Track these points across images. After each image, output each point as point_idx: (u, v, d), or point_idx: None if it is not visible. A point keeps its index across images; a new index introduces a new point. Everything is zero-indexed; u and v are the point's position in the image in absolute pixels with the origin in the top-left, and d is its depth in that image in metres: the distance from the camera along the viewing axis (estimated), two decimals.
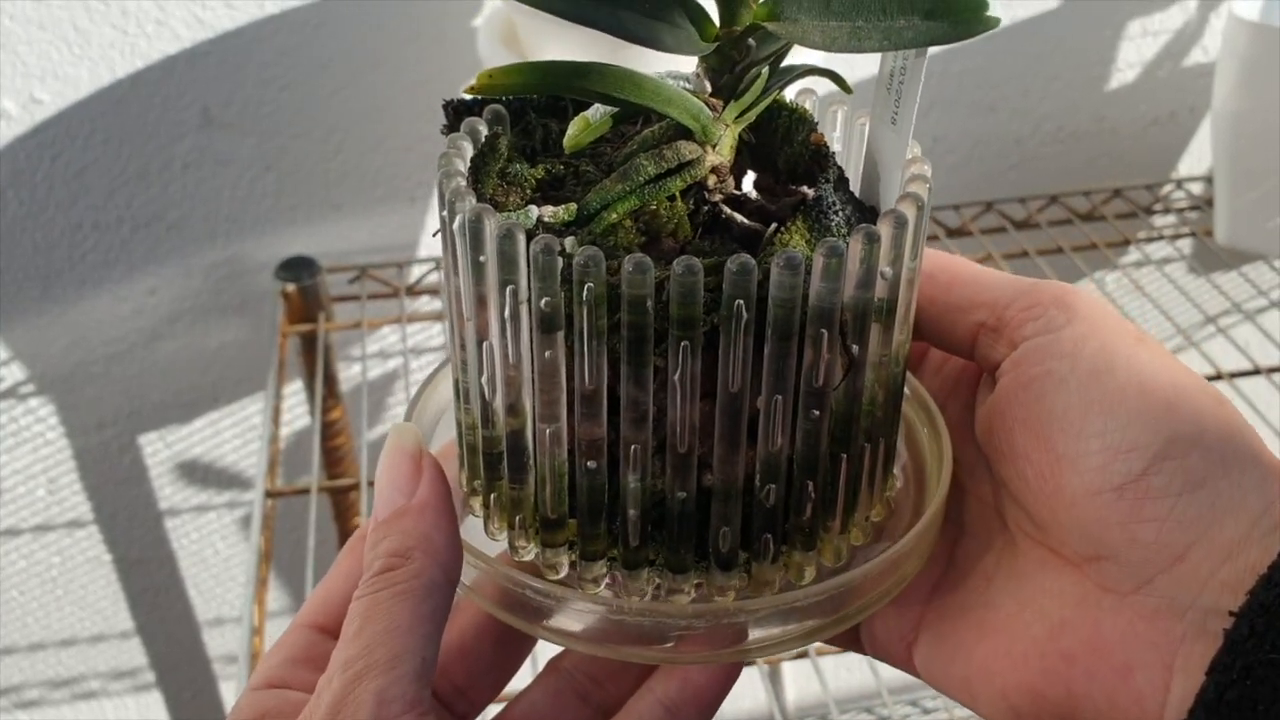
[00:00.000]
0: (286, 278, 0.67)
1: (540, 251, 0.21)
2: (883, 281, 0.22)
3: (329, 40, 0.65)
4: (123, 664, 0.87)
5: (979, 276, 0.26)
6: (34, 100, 0.64)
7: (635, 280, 0.21)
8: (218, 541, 0.83)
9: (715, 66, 0.25)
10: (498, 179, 0.25)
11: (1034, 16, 0.72)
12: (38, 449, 0.76)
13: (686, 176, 0.24)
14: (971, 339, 0.26)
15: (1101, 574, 0.24)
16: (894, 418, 0.26)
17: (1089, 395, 0.23)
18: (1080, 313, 0.25)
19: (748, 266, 0.21)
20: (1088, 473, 0.23)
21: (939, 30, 0.22)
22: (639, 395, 0.22)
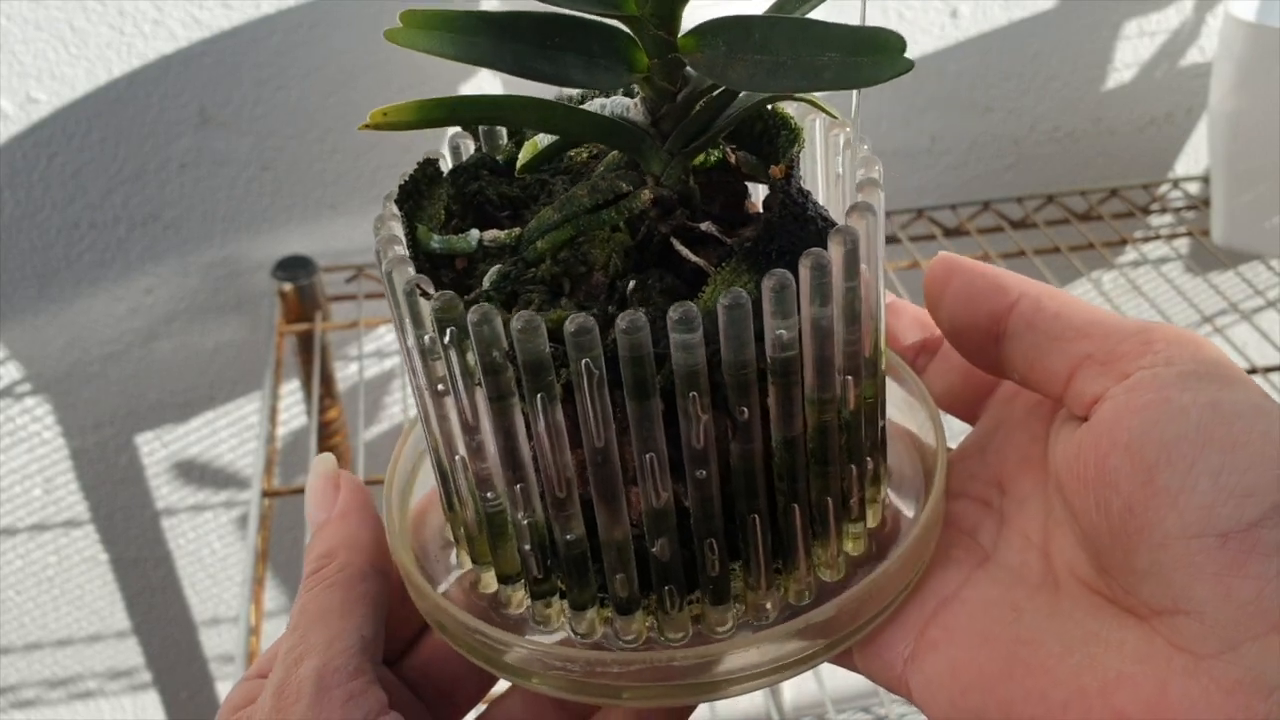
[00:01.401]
0: (283, 277, 0.67)
1: (406, 293, 0.21)
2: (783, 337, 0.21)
3: (325, 40, 0.65)
4: (119, 664, 0.87)
5: (1091, 311, 0.24)
6: (31, 100, 0.64)
7: (481, 331, 0.20)
8: (214, 541, 0.83)
9: (652, 97, 0.23)
10: (453, 199, 0.25)
11: (1031, 17, 0.72)
12: (34, 449, 0.76)
13: (623, 209, 0.23)
14: (1070, 373, 0.24)
15: (1178, 630, 0.21)
16: (853, 466, 0.24)
17: (1209, 429, 0.21)
18: (1204, 354, 0.23)
19: (586, 328, 0.20)
20: (1190, 511, 0.21)
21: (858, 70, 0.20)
22: (506, 440, 0.22)
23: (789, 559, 0.24)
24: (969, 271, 0.26)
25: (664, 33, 0.22)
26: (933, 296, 0.26)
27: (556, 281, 0.23)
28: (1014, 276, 0.25)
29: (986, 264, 0.26)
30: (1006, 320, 0.25)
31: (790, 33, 0.21)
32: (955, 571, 0.25)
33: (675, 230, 0.24)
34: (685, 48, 0.22)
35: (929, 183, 0.77)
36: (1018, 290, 0.25)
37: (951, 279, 0.26)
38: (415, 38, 0.21)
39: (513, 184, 0.26)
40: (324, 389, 0.69)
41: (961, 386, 0.28)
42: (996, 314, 0.25)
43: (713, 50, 0.22)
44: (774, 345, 0.21)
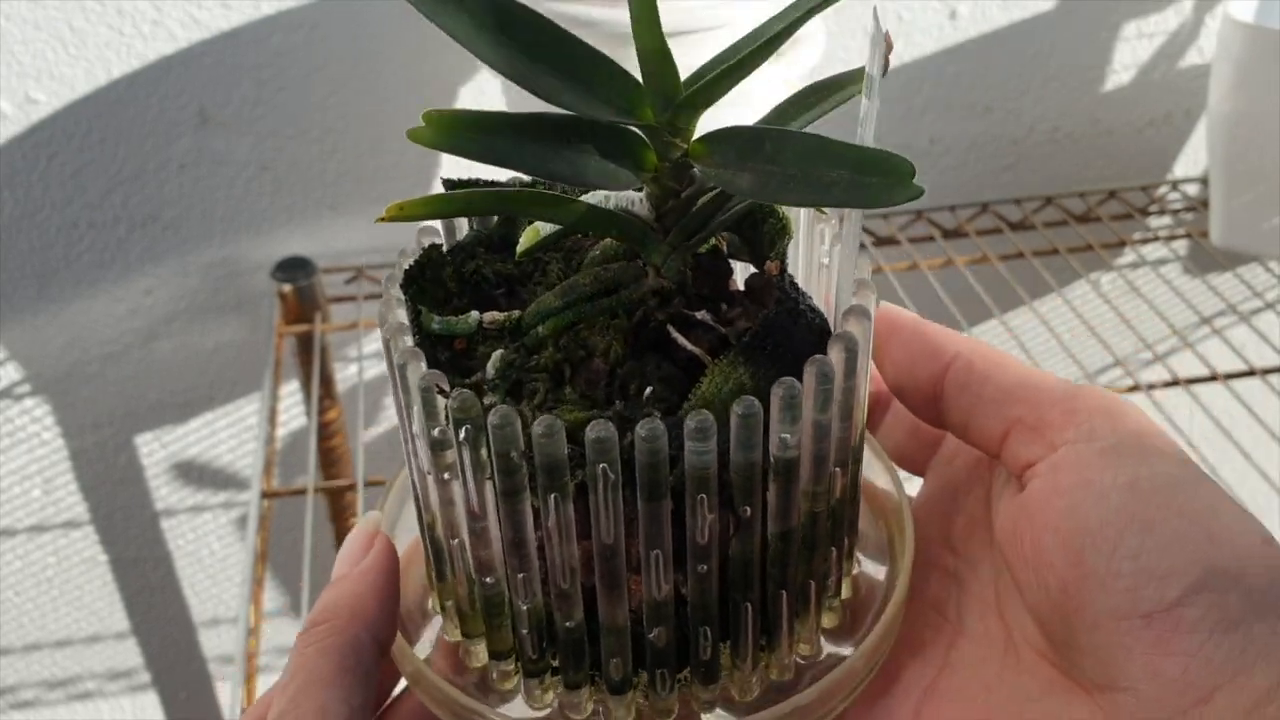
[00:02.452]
0: (283, 278, 0.67)
1: (423, 389, 0.22)
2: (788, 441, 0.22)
3: (325, 41, 0.65)
4: (118, 664, 0.87)
5: (1022, 373, 0.25)
6: (30, 100, 0.64)
7: (500, 433, 0.21)
8: (214, 542, 0.83)
9: (657, 194, 0.24)
10: (453, 280, 0.26)
11: (1030, 18, 0.72)
12: (33, 449, 0.76)
13: (624, 299, 0.24)
14: (1003, 435, 0.25)
15: (1116, 706, 0.22)
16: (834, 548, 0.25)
17: (1128, 510, 0.22)
18: (1126, 425, 0.24)
19: (607, 438, 0.21)
20: (1116, 594, 0.22)
21: (866, 191, 0.21)
22: (514, 533, 0.22)
23: (773, 638, 0.25)
24: (906, 330, 0.27)
25: (677, 140, 0.23)
26: (877, 354, 0.27)
27: (558, 368, 0.24)
28: (948, 335, 0.26)
29: (923, 322, 0.27)
30: (943, 381, 0.26)
31: (800, 147, 0.22)
32: (930, 657, 0.26)
33: (672, 318, 0.25)
34: (695, 154, 0.23)
35: (928, 184, 0.77)
36: (952, 350, 0.26)
37: (891, 337, 0.27)
38: (438, 137, 0.22)
39: (508, 261, 0.26)
40: (323, 390, 0.69)
41: (908, 443, 0.29)
42: (933, 374, 0.26)
43: (723, 158, 0.23)
44: (778, 447, 0.22)
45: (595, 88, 0.22)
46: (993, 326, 0.82)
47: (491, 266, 0.26)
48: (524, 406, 0.23)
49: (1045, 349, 0.84)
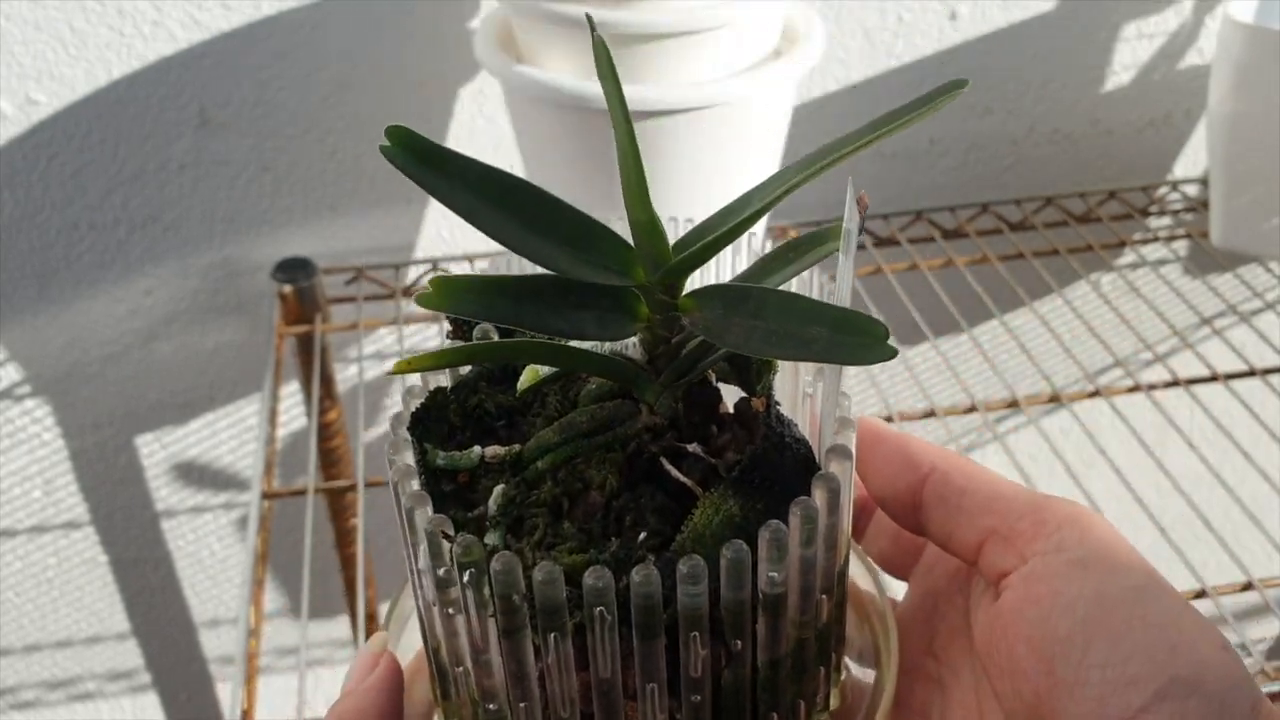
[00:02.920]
0: (283, 279, 0.67)
1: (429, 534, 0.23)
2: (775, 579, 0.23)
3: (326, 42, 0.65)
4: (119, 665, 0.87)
5: (995, 485, 0.27)
6: (30, 101, 0.64)
7: (503, 579, 0.22)
8: (214, 543, 0.83)
9: (649, 341, 0.26)
10: (457, 415, 0.27)
11: (1030, 19, 0.72)
12: (34, 450, 0.76)
13: (620, 434, 0.26)
14: (978, 545, 0.26)
15: None
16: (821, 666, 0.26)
17: (1094, 624, 0.24)
18: (1093, 536, 0.25)
19: (604, 585, 0.22)
20: (1085, 701, 0.23)
21: (843, 349, 0.22)
22: (516, 666, 0.23)
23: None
24: (886, 443, 0.28)
25: (667, 297, 0.25)
26: (859, 466, 0.28)
27: (557, 502, 0.25)
28: (926, 449, 0.28)
29: (902, 435, 0.28)
30: (921, 492, 0.27)
31: (781, 305, 0.23)
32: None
33: (664, 451, 0.26)
34: (685, 308, 0.25)
35: (928, 184, 0.77)
36: (929, 464, 0.27)
37: (873, 450, 0.28)
38: (443, 301, 0.24)
39: (509, 393, 0.28)
40: (324, 390, 0.69)
41: (891, 550, 0.31)
42: (912, 486, 0.27)
43: (711, 313, 0.24)
44: (767, 584, 0.23)
45: (590, 252, 0.24)
46: (993, 327, 0.82)
47: (493, 400, 0.28)
48: (524, 544, 0.24)
49: (1045, 349, 0.84)
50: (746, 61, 0.55)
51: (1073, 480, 0.58)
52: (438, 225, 0.72)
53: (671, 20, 0.52)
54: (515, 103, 0.58)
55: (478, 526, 0.25)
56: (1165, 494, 0.84)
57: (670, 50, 0.53)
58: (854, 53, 0.71)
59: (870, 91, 0.72)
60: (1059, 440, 0.90)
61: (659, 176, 0.55)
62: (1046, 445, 0.62)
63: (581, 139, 0.55)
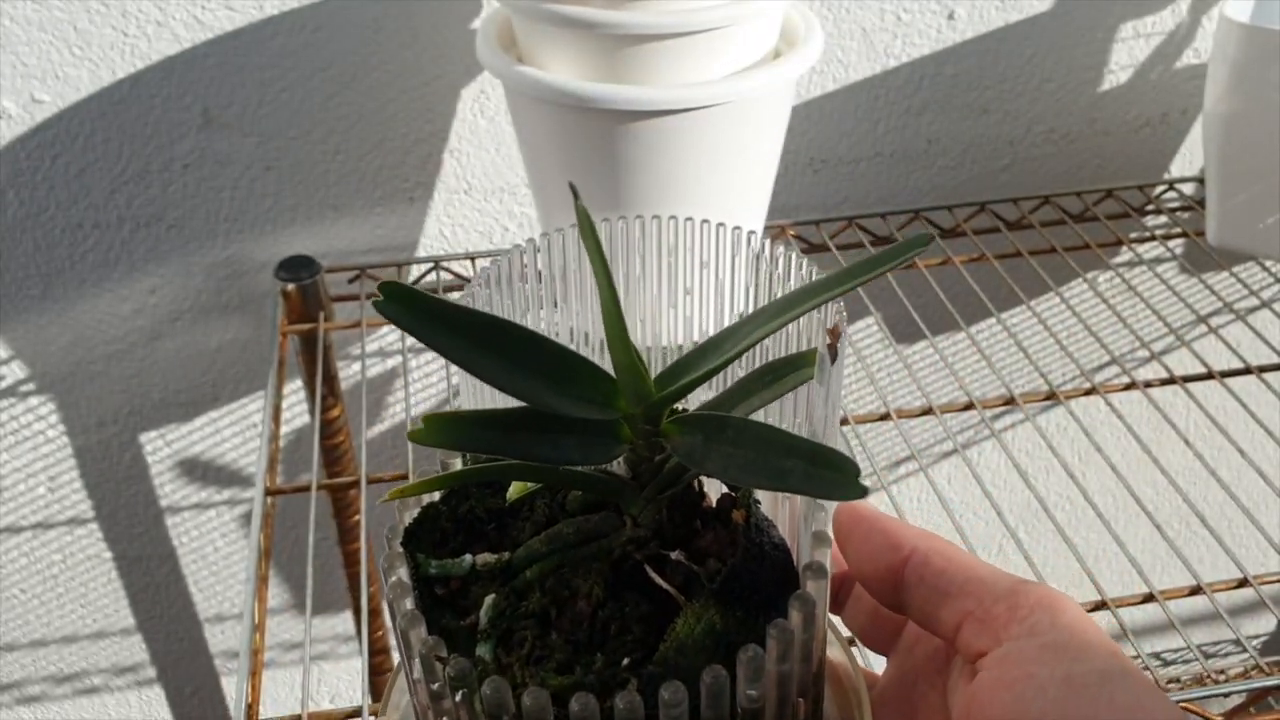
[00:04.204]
0: (286, 277, 0.68)
1: (422, 653, 0.24)
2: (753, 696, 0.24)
3: (329, 42, 0.65)
4: (124, 660, 0.88)
5: (971, 568, 0.28)
6: (34, 101, 0.65)
7: (493, 701, 0.23)
8: (218, 539, 0.83)
9: (633, 460, 0.27)
10: (448, 521, 0.28)
11: (1027, 19, 0.73)
12: (39, 447, 0.76)
13: (605, 545, 0.27)
14: (956, 625, 0.28)
15: None
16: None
17: (1063, 703, 0.25)
18: (1064, 621, 0.26)
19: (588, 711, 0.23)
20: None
21: (818, 482, 0.23)
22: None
23: None
24: (867, 525, 0.29)
25: (650, 425, 0.26)
26: (840, 545, 0.29)
27: (545, 612, 0.26)
28: (907, 531, 0.29)
29: (882, 516, 0.29)
30: (901, 573, 0.28)
31: (758, 437, 0.24)
32: None
33: (649, 559, 0.27)
34: (667, 433, 0.26)
35: (925, 184, 0.78)
36: (909, 546, 0.28)
37: (853, 531, 0.29)
38: (434, 437, 0.25)
39: (499, 497, 0.29)
40: (327, 388, 0.70)
41: (871, 628, 0.32)
42: (892, 566, 0.28)
43: (691, 440, 0.26)
44: (745, 700, 0.24)
45: (575, 386, 0.26)
46: (990, 325, 0.83)
47: (483, 505, 0.29)
48: (514, 659, 0.25)
49: (1042, 347, 0.85)
50: (746, 61, 0.56)
51: (1069, 477, 0.59)
52: (440, 224, 0.73)
53: (671, 20, 0.52)
54: (516, 103, 0.59)
55: (469, 635, 0.26)
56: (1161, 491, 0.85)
57: (670, 50, 0.53)
58: (852, 53, 0.71)
59: (868, 92, 0.73)
60: (1056, 437, 0.91)
61: (659, 177, 0.55)
62: (1043, 443, 0.62)
63: (582, 139, 0.55)
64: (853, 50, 0.71)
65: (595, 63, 0.54)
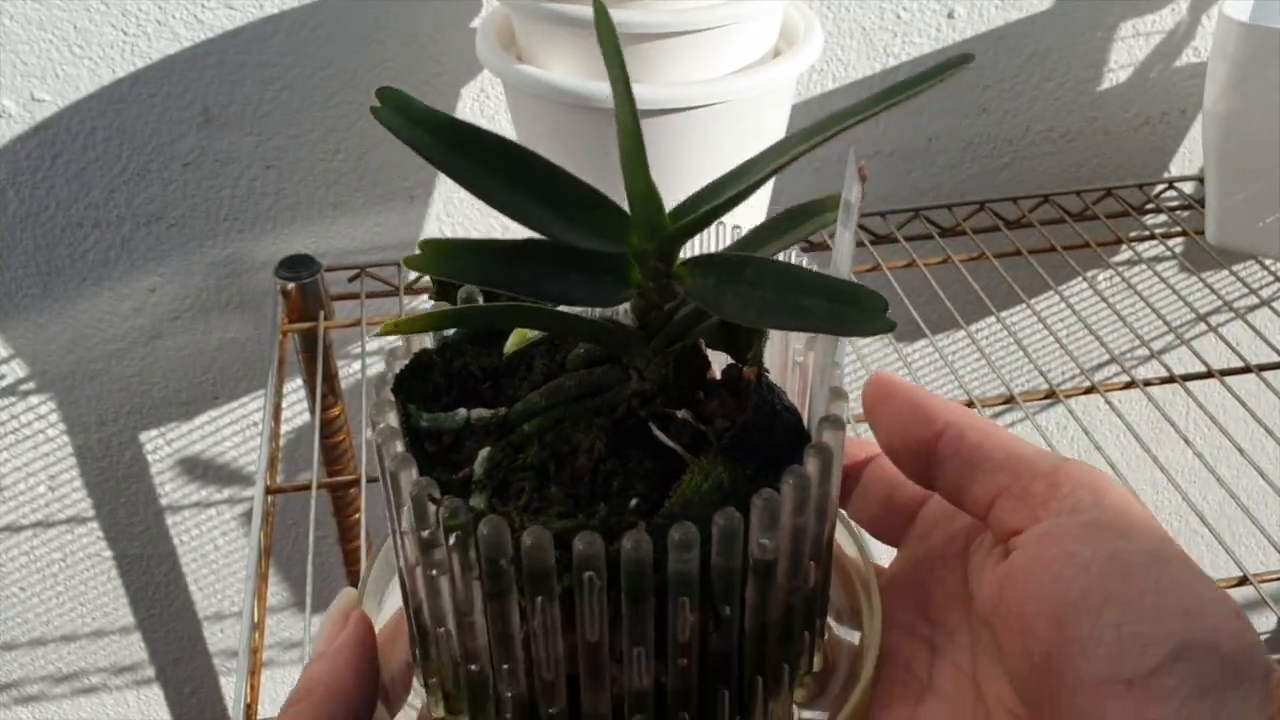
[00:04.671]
0: (286, 276, 0.68)
1: (414, 494, 0.22)
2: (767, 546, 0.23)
3: (329, 41, 0.65)
4: (123, 659, 0.88)
5: (1010, 444, 0.27)
6: (34, 99, 0.64)
7: (490, 543, 0.22)
8: (218, 537, 0.83)
9: (641, 307, 0.26)
10: (441, 375, 0.27)
11: (1026, 18, 0.73)
12: (39, 446, 0.76)
13: (608, 399, 0.25)
14: (990, 502, 0.26)
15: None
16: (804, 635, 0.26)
17: (1109, 585, 0.23)
18: (1108, 501, 0.25)
19: (594, 551, 0.21)
20: (1098, 660, 0.23)
21: (841, 320, 0.22)
22: (501, 628, 0.23)
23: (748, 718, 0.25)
24: (900, 397, 0.28)
25: (663, 265, 0.24)
26: (869, 416, 0.28)
27: (543, 466, 0.25)
28: (942, 404, 0.27)
29: (918, 389, 0.28)
30: (935, 446, 0.27)
31: (778, 275, 0.23)
32: (899, 711, 0.27)
33: (653, 416, 0.26)
34: (680, 276, 0.24)
35: (925, 183, 0.78)
36: (944, 419, 0.27)
37: (885, 403, 0.28)
38: (433, 263, 0.23)
39: (494, 355, 0.27)
40: (327, 387, 0.70)
41: (883, 516, 0.30)
42: (925, 440, 0.27)
43: (706, 281, 0.24)
44: (758, 551, 0.23)
45: (586, 218, 0.24)
46: (990, 324, 0.83)
47: (478, 362, 0.27)
48: (510, 508, 0.24)
49: (1042, 346, 0.85)
50: (746, 60, 0.56)
51: None
52: (439, 223, 0.73)
53: (671, 19, 0.52)
54: (516, 102, 0.59)
55: (462, 489, 0.24)
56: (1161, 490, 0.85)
57: (670, 50, 0.53)
58: (852, 52, 0.71)
59: (869, 89, 0.73)
60: (1055, 436, 0.91)
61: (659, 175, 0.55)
62: (1042, 441, 0.62)
63: (582, 138, 0.55)
64: (852, 49, 0.71)
65: (595, 61, 0.54)
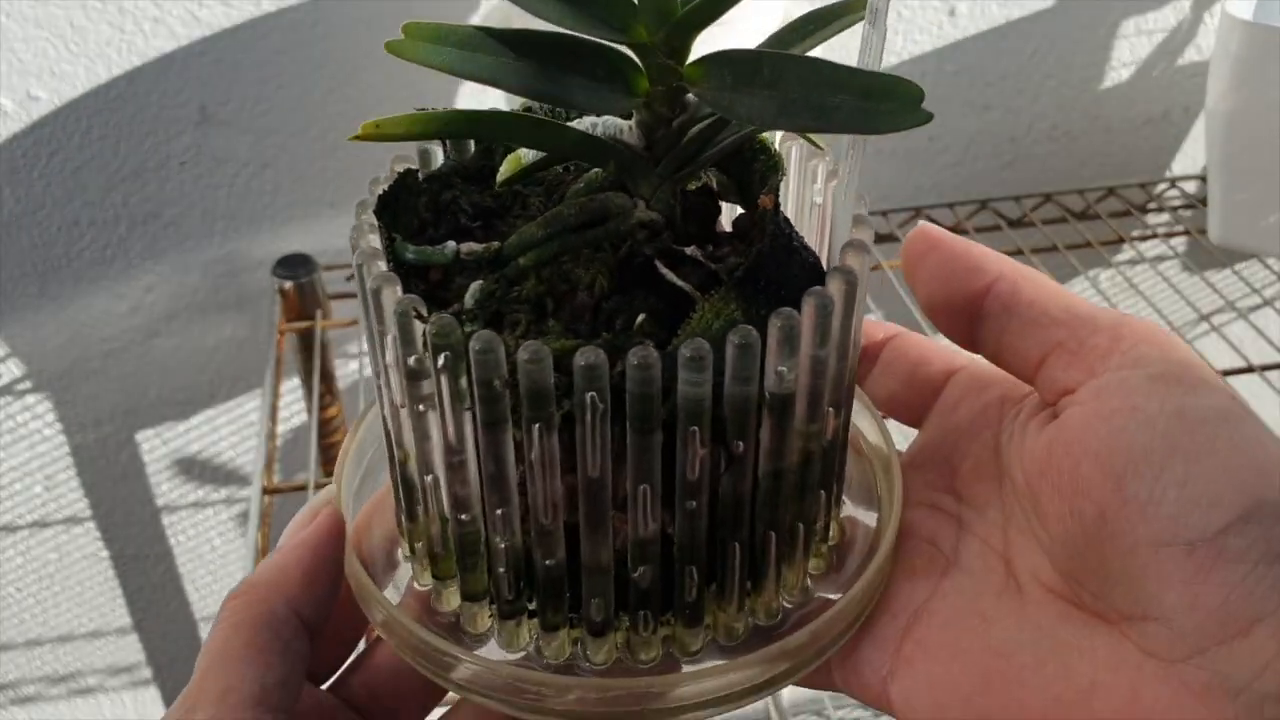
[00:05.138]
0: (283, 275, 0.68)
1: (399, 314, 0.21)
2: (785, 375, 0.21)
3: (326, 39, 0.65)
4: (120, 660, 0.88)
5: (1066, 297, 0.25)
6: (31, 97, 0.64)
7: (483, 360, 0.20)
8: (215, 538, 0.83)
9: (648, 122, 0.23)
10: (428, 210, 0.25)
11: (1028, 15, 0.72)
12: (35, 446, 0.76)
13: (611, 230, 0.23)
14: (1041, 359, 0.24)
15: (1146, 636, 0.21)
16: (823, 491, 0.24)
17: (1176, 439, 0.21)
18: (1175, 356, 0.23)
19: (598, 365, 0.19)
20: (1158, 521, 0.21)
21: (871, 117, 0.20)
22: (495, 466, 0.21)
23: (760, 581, 0.24)
24: (947, 248, 0.26)
25: (672, 61, 0.22)
26: (910, 269, 0.26)
27: (541, 300, 0.23)
28: (993, 256, 0.25)
29: (965, 240, 0.26)
30: (983, 301, 0.25)
31: (801, 71, 0.21)
32: (921, 583, 0.25)
33: (660, 252, 0.23)
34: (691, 77, 0.22)
35: (926, 181, 0.78)
36: (996, 271, 0.25)
37: (929, 255, 0.26)
38: (417, 50, 0.21)
39: (484, 193, 0.25)
40: (324, 386, 0.69)
41: (905, 393, 0.29)
42: (973, 294, 0.25)
43: (719, 82, 0.21)
44: (775, 382, 0.21)
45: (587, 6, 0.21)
46: None
47: (469, 198, 0.25)
48: (505, 336, 0.22)
49: None
50: None
51: None
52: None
53: None
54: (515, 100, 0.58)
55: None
56: None
57: None
58: (852, 50, 0.71)
59: None
60: None
61: None
62: None
63: None
64: (853, 48, 0.71)
65: None
